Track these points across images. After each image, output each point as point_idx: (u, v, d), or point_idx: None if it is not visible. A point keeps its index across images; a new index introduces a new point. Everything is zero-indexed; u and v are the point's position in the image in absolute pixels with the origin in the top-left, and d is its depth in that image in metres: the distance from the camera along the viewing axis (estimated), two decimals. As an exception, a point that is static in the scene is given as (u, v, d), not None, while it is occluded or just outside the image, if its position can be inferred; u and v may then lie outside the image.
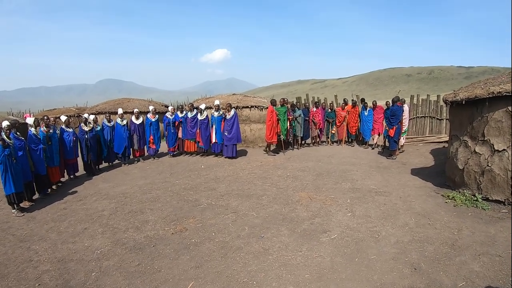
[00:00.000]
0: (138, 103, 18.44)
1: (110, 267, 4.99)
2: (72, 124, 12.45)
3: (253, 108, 14.97)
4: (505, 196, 6.57)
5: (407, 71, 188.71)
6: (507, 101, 6.42)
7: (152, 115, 12.71)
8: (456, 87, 9.46)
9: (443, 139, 13.87)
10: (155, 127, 12.65)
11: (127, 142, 11.96)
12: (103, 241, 5.86)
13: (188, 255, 5.25)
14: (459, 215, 6.40)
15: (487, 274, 4.40)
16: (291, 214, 6.75)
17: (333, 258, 4.97)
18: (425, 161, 11.19)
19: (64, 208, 7.64)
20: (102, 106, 18.47)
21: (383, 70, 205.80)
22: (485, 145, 6.89)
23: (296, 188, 8.43)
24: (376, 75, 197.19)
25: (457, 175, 7.59)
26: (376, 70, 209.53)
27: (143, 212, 7.10)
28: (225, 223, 6.37)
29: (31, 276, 4.84)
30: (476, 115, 7.06)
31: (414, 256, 4.93)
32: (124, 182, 9.68)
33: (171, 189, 8.63)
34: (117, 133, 11.76)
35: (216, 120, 12.24)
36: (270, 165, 10.96)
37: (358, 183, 8.74)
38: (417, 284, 4.26)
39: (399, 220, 6.27)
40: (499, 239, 5.36)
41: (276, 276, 4.56)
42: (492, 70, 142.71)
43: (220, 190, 8.40)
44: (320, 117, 14.75)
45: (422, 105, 15.33)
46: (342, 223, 6.20)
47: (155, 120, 12.69)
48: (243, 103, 15.02)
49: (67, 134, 9.93)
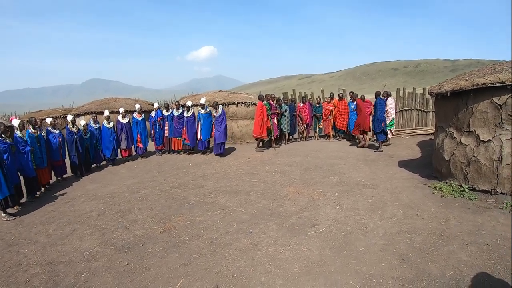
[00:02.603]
0: (124, 102, 18.31)
1: (100, 267, 4.96)
2: (58, 125, 12.35)
3: (240, 104, 14.98)
4: (491, 186, 6.61)
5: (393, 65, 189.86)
6: (491, 92, 6.47)
7: (138, 114, 12.67)
8: (442, 80, 9.53)
9: (429, 131, 14.02)
10: (141, 126, 12.63)
11: (114, 143, 11.90)
12: (92, 242, 5.82)
13: (177, 253, 5.23)
14: (446, 205, 6.45)
15: (475, 263, 4.43)
16: (279, 209, 6.76)
17: (321, 251, 4.98)
18: (412, 153, 11.27)
19: (52, 211, 7.58)
20: (88, 107, 18.32)
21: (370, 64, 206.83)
22: (471, 136, 6.93)
23: (284, 183, 8.44)
24: (363, 69, 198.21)
25: (443, 166, 7.64)
26: (363, 65, 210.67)
27: (131, 212, 7.07)
28: (214, 220, 6.37)
29: (21, 280, 4.79)
30: (461, 106, 7.11)
31: (402, 247, 4.96)
32: (112, 182, 9.64)
33: (159, 188, 8.60)
34: (105, 136, 11.70)
35: (203, 117, 12.20)
36: (257, 161, 10.97)
37: (346, 176, 8.77)
38: (405, 274, 4.29)
39: (387, 212, 6.30)
40: (486, 228, 5.41)
41: (265, 271, 4.56)
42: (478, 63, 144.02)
43: (208, 187, 8.39)
44: (307, 112, 14.78)
45: (408, 98, 15.50)
46: (330, 217, 6.21)
47: (141, 119, 12.66)
48: (230, 100, 15.01)
49: (53, 135, 9.85)
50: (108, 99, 19.58)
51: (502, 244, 4.85)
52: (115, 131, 12.09)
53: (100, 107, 16.96)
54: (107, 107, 14.75)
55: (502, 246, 4.80)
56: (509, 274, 4.12)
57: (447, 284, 4.04)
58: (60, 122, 18.17)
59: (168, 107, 13.39)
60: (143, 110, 13.66)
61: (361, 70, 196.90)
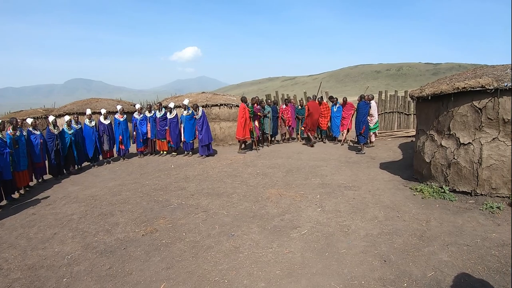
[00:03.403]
0: (106, 103, 18.10)
1: (81, 272, 4.87)
2: (40, 126, 12.19)
3: (223, 106, 14.98)
4: (471, 187, 6.73)
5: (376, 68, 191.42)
6: (472, 96, 6.59)
7: (120, 115, 12.56)
8: (424, 83, 9.66)
9: (411, 133, 14.21)
10: (123, 127, 12.51)
11: (97, 143, 11.77)
12: (73, 245, 5.72)
13: (159, 256, 5.18)
14: (427, 207, 6.53)
15: (455, 263, 4.49)
16: (261, 211, 6.76)
17: (303, 254, 4.99)
18: (393, 155, 11.41)
19: (33, 214, 7.44)
20: (70, 107, 18.09)
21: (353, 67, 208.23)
22: (451, 139, 7.04)
23: (266, 185, 8.45)
24: (346, 71, 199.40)
25: (424, 168, 7.74)
26: (346, 67, 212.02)
27: (113, 215, 6.98)
28: (196, 223, 6.32)
29: (2, 285, 4.68)
30: (442, 110, 7.21)
31: (384, 249, 4.99)
32: (94, 184, 9.52)
33: (141, 190, 8.52)
34: (86, 135, 11.55)
35: (185, 119, 12.16)
36: (240, 163, 10.96)
37: (328, 178, 8.81)
38: (387, 275, 4.32)
39: (368, 213, 6.34)
40: (466, 229, 5.49)
41: (247, 273, 4.55)
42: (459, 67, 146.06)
43: (190, 190, 8.34)
44: (289, 114, 14.85)
45: (390, 101, 15.67)
46: (312, 219, 6.23)
47: (123, 120, 12.56)
48: (213, 101, 15.01)
49: (34, 136, 9.67)
50: (90, 99, 19.39)
51: (482, 244, 4.93)
52: (97, 131, 11.96)
53: (82, 108, 16.77)
54: (89, 107, 14.61)
55: (482, 246, 4.87)
56: (489, 274, 4.17)
57: (428, 284, 4.08)
58: (41, 123, 17.94)
59: (151, 108, 13.30)
60: (125, 111, 13.56)
61: (344, 73, 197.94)
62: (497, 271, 4.23)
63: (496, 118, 6.37)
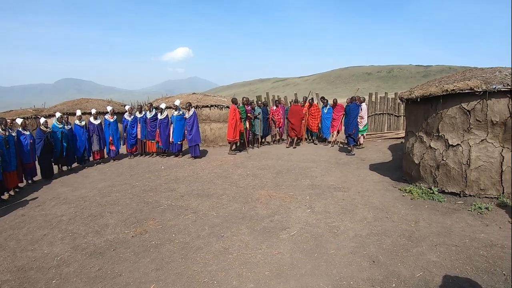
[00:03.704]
0: (97, 104, 17.96)
1: (71, 273, 4.84)
2: (29, 126, 12.10)
3: (213, 107, 14.96)
4: (460, 188, 6.79)
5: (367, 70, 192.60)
6: (460, 98, 6.66)
7: (110, 116, 12.51)
8: (414, 85, 9.74)
9: (400, 135, 14.29)
10: (113, 127, 12.47)
11: (86, 144, 11.70)
12: (63, 247, 5.68)
13: (148, 257, 5.17)
14: (416, 207, 6.58)
15: (444, 263, 4.52)
16: (250, 212, 6.76)
17: (292, 254, 5.00)
18: (383, 157, 11.48)
19: (22, 215, 7.37)
20: (60, 107, 17.91)
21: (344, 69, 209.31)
22: (440, 140, 7.11)
23: (255, 186, 8.45)
24: (337, 73, 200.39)
25: (413, 170, 7.79)
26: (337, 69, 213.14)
27: (102, 216, 6.94)
28: (185, 224, 6.31)
29: (-9, 286, 4.67)
30: (431, 111, 7.27)
31: (373, 249, 5.02)
32: (83, 186, 9.46)
33: (131, 191, 8.48)
34: (76, 135, 11.48)
35: (175, 119, 12.13)
36: (230, 164, 10.96)
37: (317, 179, 8.83)
38: (376, 276, 4.34)
39: (357, 214, 6.37)
40: (455, 229, 5.54)
41: (236, 274, 4.55)
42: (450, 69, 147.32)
43: (180, 191, 8.32)
44: (280, 116, 14.85)
45: (380, 103, 15.77)
46: (301, 220, 6.24)
47: (113, 120, 12.50)
48: (203, 103, 14.98)
49: (24, 137, 9.58)
50: (80, 100, 19.22)
51: (470, 245, 4.97)
52: (87, 131, 11.89)
53: (72, 108, 16.64)
54: (79, 108, 14.52)
55: (470, 247, 4.91)
56: (478, 274, 4.22)
57: (416, 284, 4.11)
58: (31, 123, 17.80)
59: (142, 109, 13.24)
60: (116, 112, 13.51)
61: (335, 74, 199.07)
62: (486, 271, 4.27)
63: (485, 120, 6.44)
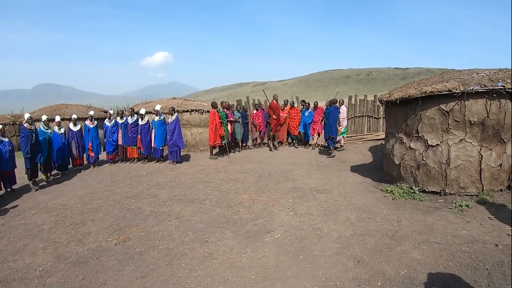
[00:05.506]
0: (76, 109, 17.68)
1: (54, 284, 4.73)
2: (8, 133, 11.87)
3: (194, 112, 14.90)
4: (440, 187, 6.92)
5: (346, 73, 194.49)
6: (439, 99, 6.78)
7: (90, 122, 12.36)
8: (393, 87, 9.87)
9: (380, 136, 14.47)
10: (93, 134, 12.33)
11: (66, 150, 11.52)
12: (45, 257, 5.56)
13: (133, 265, 5.10)
14: (398, 207, 6.67)
15: (427, 260, 4.60)
16: (234, 216, 6.75)
17: (277, 257, 5.00)
18: (364, 158, 11.60)
19: (2, 224, 7.18)
20: (39, 113, 17.53)
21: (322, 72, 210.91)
22: (420, 141, 7.23)
23: (238, 190, 8.44)
24: (316, 77, 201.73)
25: (394, 170, 7.89)
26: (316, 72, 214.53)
27: (84, 224, 6.83)
28: (169, 230, 6.26)
29: (-28, 299, 4.56)
30: (410, 113, 7.39)
31: (357, 249, 5.06)
32: (64, 193, 9.29)
33: (112, 198, 8.37)
34: (55, 141, 11.24)
35: (156, 124, 12.06)
36: (211, 169, 10.93)
37: (300, 182, 8.88)
38: (361, 275, 4.37)
39: (340, 216, 6.42)
40: (437, 227, 5.64)
41: (222, 279, 4.53)
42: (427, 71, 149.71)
43: (162, 197, 8.26)
44: (260, 119, 14.84)
45: (360, 105, 15.95)
46: (285, 223, 6.26)
47: (93, 126, 12.36)
48: (184, 107, 14.88)
49: (3, 144, 9.36)
50: (60, 105, 18.89)
51: (452, 241, 5.07)
52: (66, 137, 11.71)
53: (51, 114, 16.27)
54: (58, 113, 14.29)
55: (452, 243, 5.01)
56: (461, 270, 4.30)
57: (401, 282, 4.16)
58: (9, 129, 17.47)
59: (123, 114, 13.10)
60: (96, 118, 13.37)
61: (314, 78, 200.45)
62: (468, 266, 4.36)
63: (463, 120, 6.57)
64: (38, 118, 16.29)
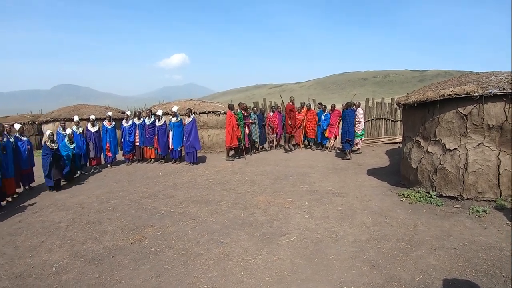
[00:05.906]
0: (94, 110, 17.86)
1: (70, 280, 4.81)
2: (26, 132, 12.06)
3: (210, 113, 14.97)
4: (457, 192, 6.83)
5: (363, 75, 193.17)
6: (457, 103, 6.70)
7: (108, 122, 12.50)
8: (410, 89, 9.79)
9: (397, 140, 14.31)
10: (111, 134, 12.46)
11: (84, 150, 11.67)
12: (61, 254, 5.64)
13: (148, 264, 5.15)
14: (414, 212, 6.61)
15: (443, 266, 4.54)
16: (250, 218, 6.76)
17: (292, 260, 5.00)
18: (380, 162, 11.51)
19: (20, 221, 7.32)
20: (57, 113, 17.81)
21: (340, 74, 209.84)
22: (437, 145, 7.14)
23: (254, 192, 8.46)
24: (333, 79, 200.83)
25: (411, 174, 7.82)
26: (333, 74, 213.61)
27: (101, 223, 6.92)
28: (184, 230, 6.29)
29: (-11, 294, 4.64)
30: (428, 116, 7.31)
31: (372, 254, 5.03)
32: (81, 192, 9.42)
33: (129, 198, 8.46)
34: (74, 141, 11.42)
35: (174, 126, 12.15)
36: (228, 171, 10.97)
37: (316, 185, 8.85)
38: (376, 280, 4.35)
39: (356, 219, 6.39)
40: (453, 233, 5.57)
41: (237, 280, 4.54)
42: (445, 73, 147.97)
43: (179, 197, 8.31)
44: (277, 122, 14.84)
45: (377, 108, 15.80)
46: (300, 225, 6.25)
47: (111, 127, 12.49)
48: (200, 109, 14.98)
49: (22, 143, 9.55)
50: (78, 105, 19.07)
51: (469, 247, 5.00)
52: (85, 138, 11.88)
53: (69, 114, 16.49)
54: (77, 114, 14.46)
55: (469, 249, 4.94)
56: (477, 277, 4.24)
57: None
58: (28, 129, 17.75)
59: (140, 115, 13.24)
60: (114, 118, 13.50)
61: (331, 80, 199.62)
62: (485, 273, 4.30)
63: (481, 124, 6.48)
64: (56, 118, 16.51)
